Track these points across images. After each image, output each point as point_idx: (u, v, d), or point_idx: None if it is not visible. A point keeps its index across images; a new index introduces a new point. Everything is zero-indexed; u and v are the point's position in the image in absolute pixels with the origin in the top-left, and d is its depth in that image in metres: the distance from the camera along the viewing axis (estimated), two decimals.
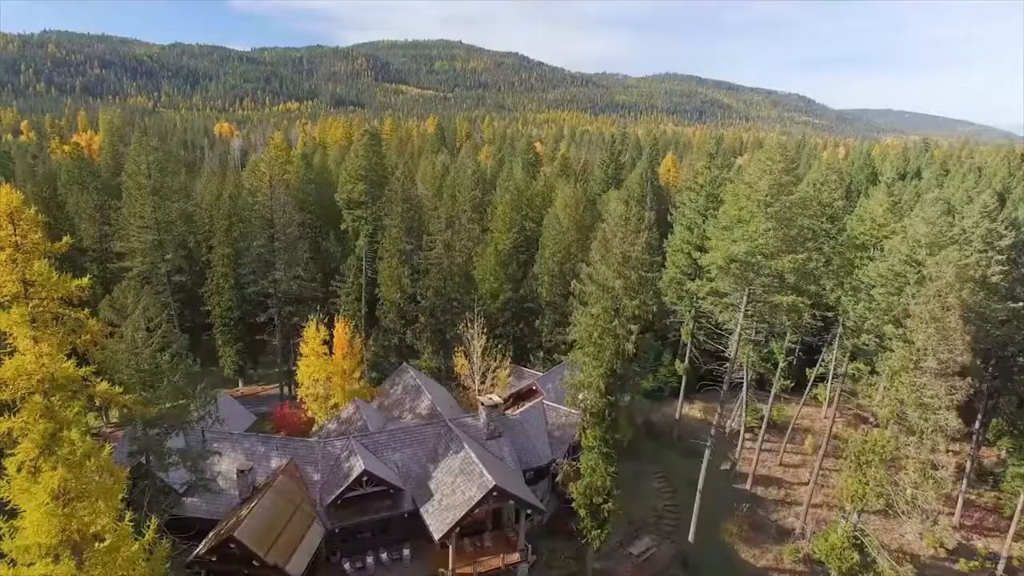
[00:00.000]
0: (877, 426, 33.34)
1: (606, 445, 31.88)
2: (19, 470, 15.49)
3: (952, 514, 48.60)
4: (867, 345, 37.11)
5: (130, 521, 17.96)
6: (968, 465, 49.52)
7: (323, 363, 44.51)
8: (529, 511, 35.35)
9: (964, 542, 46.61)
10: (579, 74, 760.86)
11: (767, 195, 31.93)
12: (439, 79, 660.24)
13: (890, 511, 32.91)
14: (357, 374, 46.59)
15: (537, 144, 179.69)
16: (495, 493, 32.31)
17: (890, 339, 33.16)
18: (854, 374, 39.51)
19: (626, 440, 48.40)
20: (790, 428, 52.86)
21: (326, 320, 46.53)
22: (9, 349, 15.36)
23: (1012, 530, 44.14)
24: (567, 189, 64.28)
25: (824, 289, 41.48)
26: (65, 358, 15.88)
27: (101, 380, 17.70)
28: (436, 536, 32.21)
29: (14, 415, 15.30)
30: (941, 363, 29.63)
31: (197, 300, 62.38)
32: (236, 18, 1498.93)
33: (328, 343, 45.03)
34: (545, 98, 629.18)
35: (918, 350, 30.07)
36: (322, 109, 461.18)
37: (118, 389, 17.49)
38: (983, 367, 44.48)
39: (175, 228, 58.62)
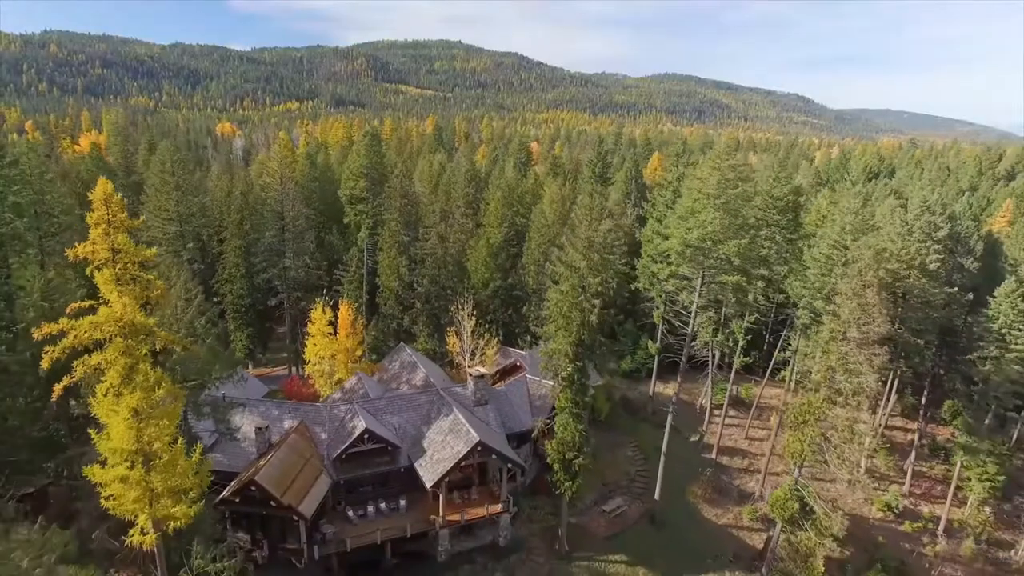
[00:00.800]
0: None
1: (576, 406, 36.59)
2: (106, 394, 20.40)
3: (903, 483, 53.44)
4: (805, 320, 41.92)
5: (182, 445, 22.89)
6: (916, 439, 54.36)
7: (328, 342, 49.39)
8: (511, 467, 40.18)
9: (912, 507, 51.36)
10: (578, 74, 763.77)
11: (716, 189, 36.77)
12: (439, 79, 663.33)
13: (829, 470, 37.53)
14: (359, 352, 51.54)
15: (533, 144, 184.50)
16: (479, 448, 37.12)
17: (822, 313, 38.02)
18: (802, 350, 44.34)
19: (603, 414, 53.55)
20: (754, 405, 57.65)
21: (331, 304, 51.40)
22: (101, 301, 20.19)
23: (950, 494, 49.07)
24: (554, 186, 68.98)
25: (778, 274, 46.35)
26: (139, 309, 20.75)
27: (160, 330, 22.54)
28: (428, 484, 37.01)
29: (103, 353, 20.18)
30: (862, 333, 34.48)
31: (209, 291, 67.00)
32: (236, 18, 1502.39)
33: (333, 324, 49.93)
34: (544, 98, 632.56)
35: (843, 322, 34.91)
36: (322, 109, 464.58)
37: (175, 335, 22.39)
38: (926, 347, 49.29)
39: (194, 220, 63.58)
